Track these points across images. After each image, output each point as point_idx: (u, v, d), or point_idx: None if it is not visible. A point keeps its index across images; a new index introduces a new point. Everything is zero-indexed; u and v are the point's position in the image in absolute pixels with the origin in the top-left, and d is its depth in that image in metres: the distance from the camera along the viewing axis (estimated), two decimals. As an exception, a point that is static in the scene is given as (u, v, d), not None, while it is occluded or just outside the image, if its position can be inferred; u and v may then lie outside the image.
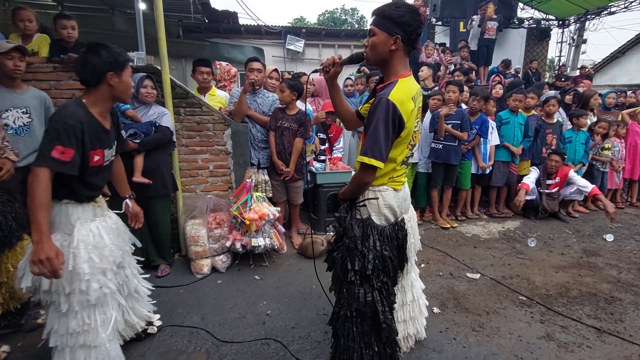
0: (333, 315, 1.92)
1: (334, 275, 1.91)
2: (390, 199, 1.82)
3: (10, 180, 2.80)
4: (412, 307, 2.17)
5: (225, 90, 4.61)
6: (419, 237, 2.19)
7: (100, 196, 2.12)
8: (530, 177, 4.87)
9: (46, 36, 3.61)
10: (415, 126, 1.79)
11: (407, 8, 1.66)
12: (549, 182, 4.93)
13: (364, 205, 1.80)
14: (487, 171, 4.85)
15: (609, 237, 4.31)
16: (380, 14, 1.68)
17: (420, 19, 1.69)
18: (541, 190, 4.91)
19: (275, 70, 4.15)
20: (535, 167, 4.99)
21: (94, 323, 1.90)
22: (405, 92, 1.66)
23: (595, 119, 5.56)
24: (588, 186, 4.74)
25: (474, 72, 7.84)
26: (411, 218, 2.04)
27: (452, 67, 7.37)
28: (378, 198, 1.80)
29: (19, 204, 2.95)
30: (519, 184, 4.84)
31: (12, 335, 2.40)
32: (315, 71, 2.10)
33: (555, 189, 4.92)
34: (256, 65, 3.76)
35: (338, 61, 1.89)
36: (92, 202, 2.01)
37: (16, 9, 3.53)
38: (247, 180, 3.47)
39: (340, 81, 2.65)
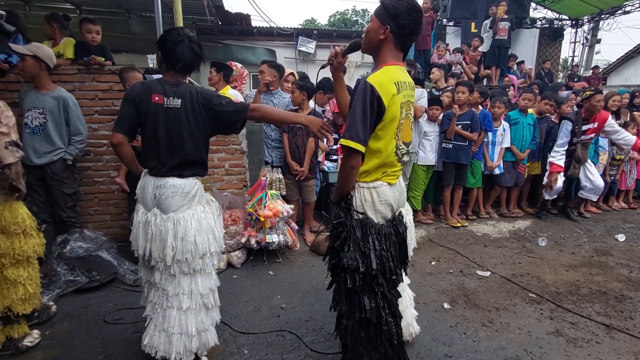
0: (339, 326, 1.92)
1: (336, 288, 1.88)
2: (387, 195, 1.78)
3: (28, 177, 2.92)
4: (403, 297, 2.13)
5: (236, 90, 4.69)
6: (414, 234, 2.17)
7: None
8: (560, 161, 4.47)
9: (71, 39, 3.76)
10: (402, 118, 1.76)
11: (407, 4, 1.67)
12: (585, 127, 4.52)
13: (352, 205, 1.76)
14: (496, 172, 4.83)
15: (621, 237, 4.31)
16: (381, 4, 1.72)
17: (417, 17, 1.69)
18: (576, 140, 4.53)
19: (292, 73, 4.22)
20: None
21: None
22: (386, 76, 1.66)
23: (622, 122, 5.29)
24: (630, 138, 4.39)
25: (484, 78, 7.81)
26: (408, 212, 2.03)
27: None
28: (373, 195, 1.77)
29: (42, 197, 3.10)
30: (549, 168, 4.52)
31: (37, 327, 2.49)
32: (322, 67, 2.14)
33: (592, 135, 4.59)
34: (262, 67, 4.00)
35: (340, 52, 1.95)
36: None
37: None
38: (262, 178, 3.56)
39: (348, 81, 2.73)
